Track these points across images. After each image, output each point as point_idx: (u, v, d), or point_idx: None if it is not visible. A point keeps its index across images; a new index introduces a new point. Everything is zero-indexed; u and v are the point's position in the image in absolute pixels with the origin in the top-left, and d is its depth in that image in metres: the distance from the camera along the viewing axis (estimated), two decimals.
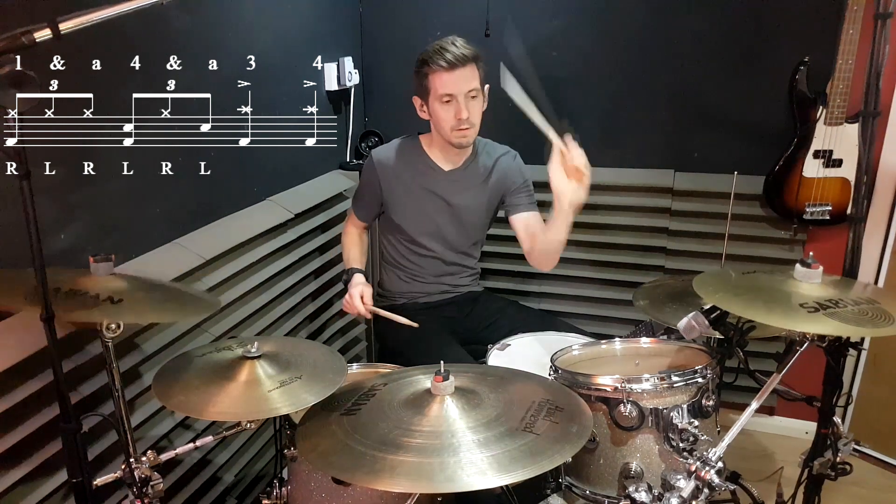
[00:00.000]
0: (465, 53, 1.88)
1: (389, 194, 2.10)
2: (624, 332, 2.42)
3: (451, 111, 1.92)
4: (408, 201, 2.10)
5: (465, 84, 1.90)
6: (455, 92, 1.90)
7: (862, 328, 1.28)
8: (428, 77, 1.91)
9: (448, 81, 1.89)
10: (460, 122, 1.93)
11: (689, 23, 2.41)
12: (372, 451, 1.16)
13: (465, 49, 1.89)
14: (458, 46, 1.89)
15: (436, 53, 1.89)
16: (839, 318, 1.28)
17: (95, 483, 1.33)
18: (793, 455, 1.68)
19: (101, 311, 1.24)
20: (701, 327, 1.47)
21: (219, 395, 1.32)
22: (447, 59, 1.87)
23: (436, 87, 1.91)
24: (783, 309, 1.34)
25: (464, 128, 1.94)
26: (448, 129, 1.96)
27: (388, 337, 2.19)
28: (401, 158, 2.09)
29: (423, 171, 2.09)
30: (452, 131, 1.96)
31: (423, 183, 2.09)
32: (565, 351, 1.70)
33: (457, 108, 1.91)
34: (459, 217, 2.14)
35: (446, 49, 1.88)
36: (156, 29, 1.69)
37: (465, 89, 1.90)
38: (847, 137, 2.22)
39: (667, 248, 2.59)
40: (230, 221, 2.07)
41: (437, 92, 1.92)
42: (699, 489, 1.30)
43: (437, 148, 2.08)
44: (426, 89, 1.94)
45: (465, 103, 1.91)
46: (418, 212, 2.10)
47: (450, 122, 1.94)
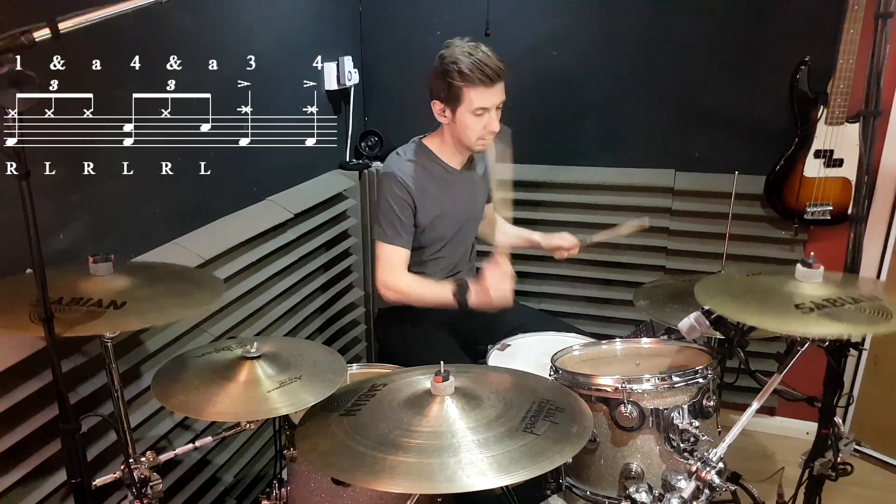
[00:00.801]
0: (501, 67, 1.86)
1: (419, 208, 2.00)
2: (624, 333, 2.42)
3: (482, 123, 1.91)
4: (434, 208, 2.03)
5: (499, 98, 1.90)
6: (490, 106, 1.89)
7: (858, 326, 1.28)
8: (462, 89, 1.86)
9: (485, 96, 1.87)
10: (488, 133, 1.93)
11: (690, 23, 2.41)
12: (372, 451, 1.16)
13: (500, 63, 1.87)
14: (494, 59, 1.86)
15: (474, 67, 1.83)
16: (834, 318, 1.28)
17: (95, 483, 1.33)
18: (793, 455, 1.67)
19: (106, 320, 1.22)
20: (702, 327, 1.47)
21: (218, 396, 1.32)
22: (487, 74, 1.83)
23: (470, 99, 1.87)
24: (777, 311, 1.34)
25: (488, 139, 1.95)
26: (474, 138, 1.95)
27: (388, 337, 2.19)
28: (419, 167, 2.02)
29: (441, 175, 2.06)
30: (477, 140, 1.95)
31: (444, 188, 2.05)
32: (565, 351, 1.70)
33: (488, 120, 1.90)
34: (472, 214, 2.16)
35: (485, 63, 1.83)
36: (156, 29, 1.69)
37: (499, 102, 1.91)
38: (848, 137, 2.21)
39: (667, 247, 2.59)
40: (230, 221, 2.06)
41: (470, 104, 1.88)
42: (700, 490, 1.30)
43: (447, 150, 2.05)
44: (456, 98, 1.89)
45: (496, 115, 1.91)
46: (442, 217, 2.06)
47: (478, 132, 1.93)
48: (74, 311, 1.23)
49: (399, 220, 1.95)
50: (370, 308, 2.84)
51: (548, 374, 1.57)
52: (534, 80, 2.59)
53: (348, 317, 2.70)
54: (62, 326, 1.15)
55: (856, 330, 1.29)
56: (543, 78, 2.60)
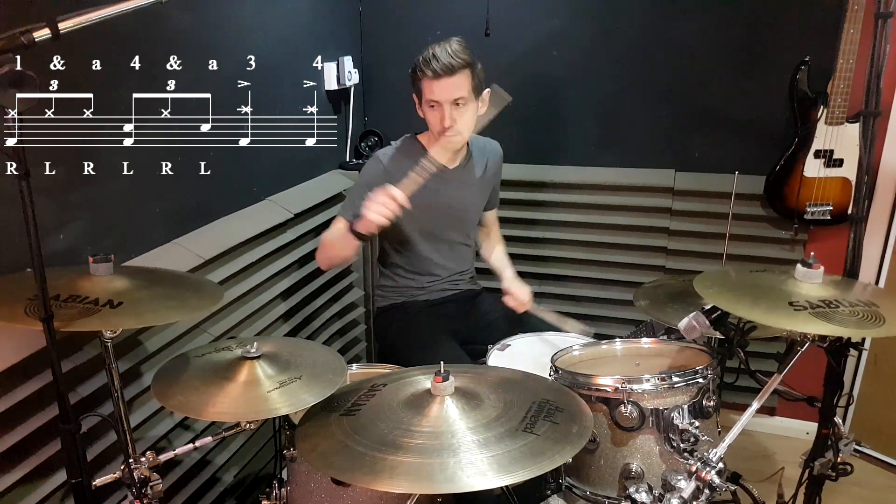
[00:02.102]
0: (452, 63, 1.85)
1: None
2: (624, 333, 2.41)
3: (437, 116, 1.93)
4: (417, 202, 2.00)
5: (450, 93, 1.89)
6: (440, 99, 1.89)
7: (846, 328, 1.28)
8: (419, 81, 1.91)
9: (435, 89, 1.88)
10: (444, 129, 1.93)
11: (690, 22, 2.41)
12: (371, 451, 1.16)
13: (454, 58, 1.86)
14: (449, 54, 1.86)
15: (425, 59, 1.88)
16: (825, 318, 1.29)
17: (95, 483, 1.33)
18: (793, 455, 1.67)
19: (101, 318, 1.23)
20: (702, 327, 1.47)
21: (218, 396, 1.32)
22: (433, 67, 1.86)
23: (423, 91, 1.92)
24: (770, 306, 1.35)
25: (449, 134, 1.95)
26: (435, 131, 1.97)
27: (387, 337, 2.19)
28: (407, 159, 2.04)
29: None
30: (439, 135, 1.96)
31: (431, 182, 2.06)
32: (565, 351, 1.70)
33: (441, 114, 1.91)
34: (462, 214, 2.16)
35: (436, 56, 1.86)
36: (156, 29, 1.69)
37: (450, 98, 1.89)
38: (848, 137, 2.21)
39: (667, 247, 2.59)
40: (230, 221, 2.06)
41: (424, 97, 1.92)
42: (700, 490, 1.30)
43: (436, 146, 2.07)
44: (418, 91, 1.95)
45: (450, 111, 1.90)
46: (425, 211, 2.07)
47: (436, 126, 1.95)
48: (71, 308, 1.23)
49: (362, 199, 1.89)
50: (370, 308, 2.84)
51: (548, 374, 1.57)
52: (534, 80, 2.59)
53: (348, 317, 2.70)
54: (57, 321, 1.15)
55: (843, 332, 1.30)
56: (543, 78, 2.60)
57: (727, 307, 1.41)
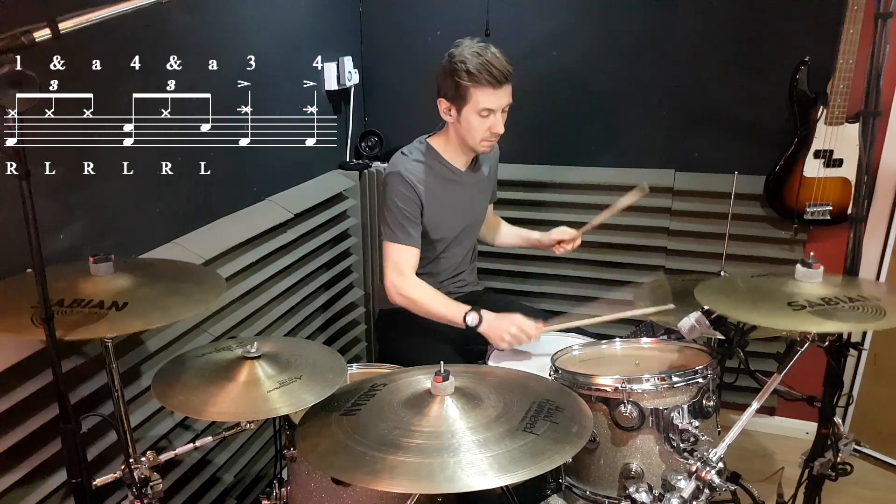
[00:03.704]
0: (510, 70, 1.87)
1: (426, 208, 2.00)
2: (624, 333, 2.41)
3: (487, 124, 1.91)
4: (440, 209, 2.03)
5: (506, 100, 1.90)
6: (495, 107, 1.89)
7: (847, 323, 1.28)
8: (469, 89, 1.87)
9: (492, 97, 1.87)
10: (492, 135, 1.93)
11: (690, 23, 2.41)
12: (372, 451, 1.16)
13: (508, 66, 1.87)
14: (503, 61, 1.86)
15: (482, 67, 1.83)
16: (825, 316, 1.29)
17: (95, 483, 1.33)
18: (793, 455, 1.67)
19: (107, 322, 1.22)
20: (702, 327, 1.47)
21: (218, 396, 1.32)
22: (495, 75, 1.84)
23: (476, 99, 1.87)
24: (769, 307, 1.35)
25: (493, 141, 1.96)
26: (478, 139, 1.95)
27: (388, 337, 2.19)
28: (426, 168, 2.02)
29: (446, 176, 2.06)
30: (481, 141, 1.96)
31: (449, 189, 2.05)
32: (565, 351, 1.70)
33: (493, 122, 1.91)
34: (476, 215, 2.17)
35: (493, 64, 1.84)
36: (156, 29, 1.69)
37: (505, 104, 1.91)
38: (847, 137, 2.21)
39: (667, 247, 2.59)
40: (230, 221, 2.06)
41: (476, 105, 1.88)
42: (700, 490, 1.30)
43: (452, 150, 2.05)
44: (462, 98, 1.89)
45: (501, 118, 1.92)
46: (447, 217, 2.06)
47: (482, 134, 1.93)
48: (76, 313, 1.23)
49: (407, 219, 1.95)
50: (370, 308, 2.84)
51: (548, 374, 1.57)
52: (534, 80, 2.59)
53: (348, 317, 2.70)
54: (64, 329, 1.15)
55: (843, 327, 1.30)
56: (543, 78, 2.60)
57: (727, 311, 1.41)
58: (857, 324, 1.29)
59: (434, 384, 1.29)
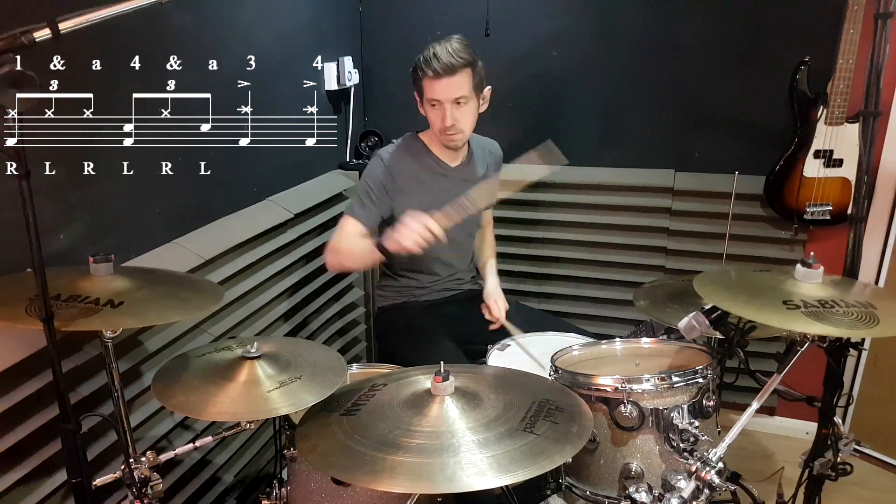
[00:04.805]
0: (453, 63, 1.86)
1: (399, 194, 2.02)
2: (624, 333, 2.41)
3: (438, 115, 1.94)
4: (420, 199, 2.01)
5: (451, 92, 1.90)
6: (441, 98, 1.90)
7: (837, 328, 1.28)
8: (421, 80, 1.92)
9: (436, 88, 1.89)
10: (446, 128, 1.94)
11: (690, 23, 2.42)
12: (372, 451, 1.16)
13: (455, 57, 1.86)
14: (450, 53, 1.86)
15: (426, 58, 1.88)
16: (817, 318, 1.29)
17: (95, 483, 1.33)
18: (793, 455, 1.67)
19: (102, 317, 1.23)
20: (701, 327, 1.47)
21: (218, 396, 1.32)
22: (434, 66, 1.86)
23: (424, 91, 1.93)
24: (764, 304, 1.35)
25: (450, 133, 1.96)
26: (437, 131, 1.98)
27: (387, 337, 2.19)
28: (409, 157, 2.07)
29: (433, 168, 2.08)
30: (440, 134, 1.97)
31: (434, 180, 2.07)
32: (565, 351, 1.70)
33: (442, 114, 1.92)
34: None
35: (437, 56, 1.86)
36: (156, 29, 1.69)
37: (451, 97, 1.90)
38: (847, 137, 2.21)
39: (667, 248, 2.59)
40: (230, 221, 2.06)
41: (425, 96, 1.93)
42: (700, 490, 1.30)
43: (438, 145, 2.08)
44: (419, 89, 1.96)
45: (451, 110, 1.91)
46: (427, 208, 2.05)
47: (437, 125, 1.96)
48: (71, 307, 1.23)
49: (369, 198, 1.99)
50: (370, 308, 2.84)
51: (548, 374, 1.57)
52: (534, 81, 2.59)
53: (348, 317, 2.70)
54: (58, 321, 1.15)
55: (834, 332, 1.29)
56: (543, 78, 2.61)
57: (722, 304, 1.41)
58: (848, 329, 1.29)
59: (434, 384, 1.29)
